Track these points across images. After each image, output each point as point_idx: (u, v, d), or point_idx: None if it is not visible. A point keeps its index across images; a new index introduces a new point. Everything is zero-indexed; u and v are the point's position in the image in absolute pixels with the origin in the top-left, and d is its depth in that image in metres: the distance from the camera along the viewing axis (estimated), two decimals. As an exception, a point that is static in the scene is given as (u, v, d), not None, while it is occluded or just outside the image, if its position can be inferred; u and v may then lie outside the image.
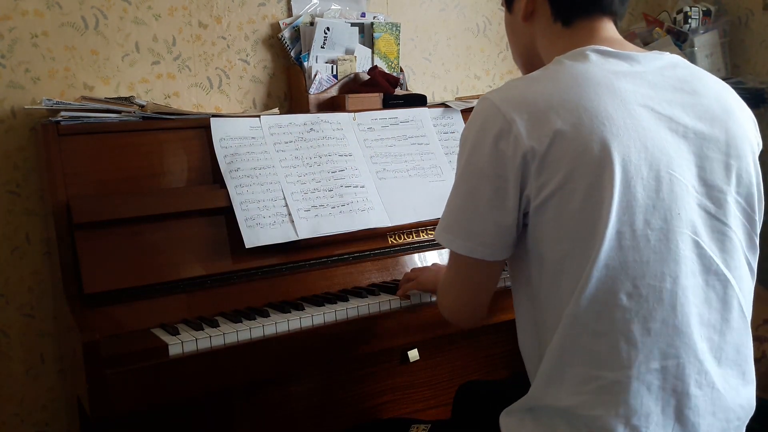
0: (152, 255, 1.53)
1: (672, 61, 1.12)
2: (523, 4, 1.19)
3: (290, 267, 1.66)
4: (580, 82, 1.03)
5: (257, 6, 2.06)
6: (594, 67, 1.05)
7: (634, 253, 1.00)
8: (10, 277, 1.77)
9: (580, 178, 0.99)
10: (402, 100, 1.98)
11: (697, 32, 2.66)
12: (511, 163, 1.01)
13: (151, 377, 1.30)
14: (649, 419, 1.01)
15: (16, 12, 1.74)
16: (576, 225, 1.00)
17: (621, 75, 1.05)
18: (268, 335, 1.43)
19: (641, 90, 1.05)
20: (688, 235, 1.03)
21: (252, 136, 1.73)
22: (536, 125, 1.00)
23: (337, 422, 1.78)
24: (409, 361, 1.84)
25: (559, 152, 0.99)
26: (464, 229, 1.08)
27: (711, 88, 1.11)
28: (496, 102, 1.04)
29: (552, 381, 1.06)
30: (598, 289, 1.00)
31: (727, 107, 1.10)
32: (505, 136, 1.01)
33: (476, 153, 1.05)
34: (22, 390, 1.80)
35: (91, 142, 1.58)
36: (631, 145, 0.99)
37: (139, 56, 1.90)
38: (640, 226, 1.00)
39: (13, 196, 1.77)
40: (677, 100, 1.07)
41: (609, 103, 1.01)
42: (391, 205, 1.78)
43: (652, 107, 1.04)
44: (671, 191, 1.01)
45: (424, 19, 2.36)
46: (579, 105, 1.00)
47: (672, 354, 1.02)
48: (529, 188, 1.02)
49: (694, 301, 1.03)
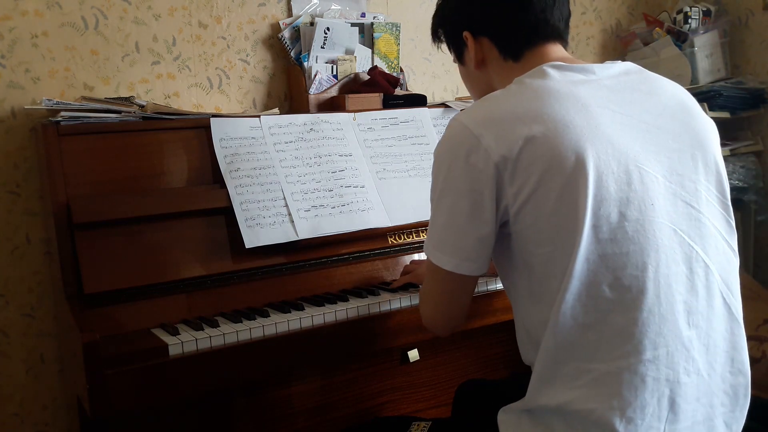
0: (152, 255, 1.53)
1: (625, 68, 1.17)
2: (472, 54, 1.24)
3: (290, 267, 1.66)
4: (541, 94, 1.07)
5: (257, 6, 2.06)
6: (552, 81, 1.10)
7: (613, 246, 1.02)
8: (10, 277, 1.77)
9: (552, 179, 1.02)
10: (402, 100, 1.98)
11: (697, 32, 2.66)
12: (484, 176, 1.05)
13: (151, 377, 1.30)
14: (645, 411, 1.03)
15: (16, 12, 1.74)
16: (554, 225, 1.03)
17: (579, 83, 1.10)
18: (268, 335, 1.43)
19: (599, 94, 1.09)
20: (666, 224, 1.05)
21: (252, 136, 1.73)
22: (504, 135, 1.04)
23: (337, 422, 1.78)
24: (409, 361, 1.84)
25: (530, 157, 1.03)
26: (449, 246, 1.12)
27: (666, 89, 1.17)
28: (464, 121, 1.08)
29: (546, 380, 1.07)
30: (581, 283, 1.02)
31: (684, 104, 1.16)
32: (474, 150, 1.05)
33: (451, 171, 1.09)
34: (22, 390, 1.80)
35: (91, 142, 1.58)
36: (597, 144, 1.03)
37: (139, 56, 1.90)
38: (615, 219, 1.02)
39: (13, 196, 1.77)
40: (635, 100, 1.11)
41: (570, 109, 1.05)
42: (391, 205, 1.78)
43: (612, 109, 1.08)
44: (642, 183, 1.04)
45: (424, 19, 2.36)
46: (543, 113, 1.04)
47: (661, 343, 1.03)
48: (506, 197, 1.05)
49: (678, 288, 1.05)
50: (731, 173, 2.63)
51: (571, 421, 1.04)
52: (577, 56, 2.78)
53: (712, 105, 2.57)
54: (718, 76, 2.71)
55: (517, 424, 1.12)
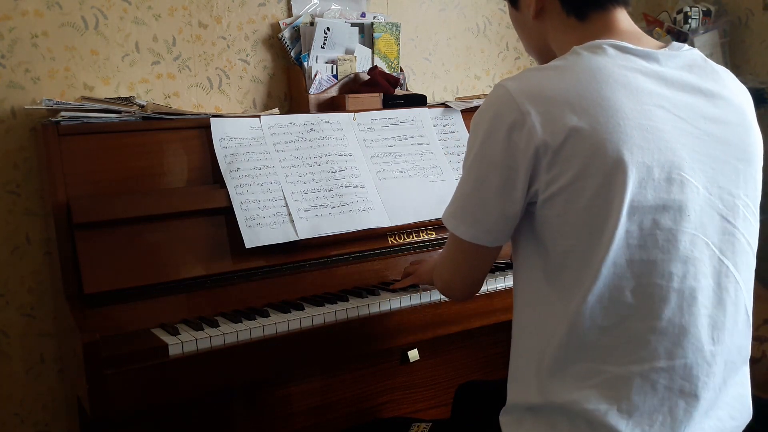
0: (152, 255, 1.53)
1: (690, 60, 1.10)
2: (532, 1, 1.16)
3: (290, 267, 1.66)
4: (598, 78, 1.01)
5: (257, 6, 2.06)
6: (611, 63, 1.03)
7: (641, 252, 1.00)
8: (10, 277, 1.77)
9: (590, 177, 0.98)
10: (402, 100, 1.98)
11: (697, 32, 2.66)
12: (522, 156, 1.00)
13: (151, 377, 1.30)
14: (653, 418, 1.01)
15: (16, 12, 1.74)
16: (582, 222, 1.00)
17: (639, 73, 1.04)
18: (268, 335, 1.43)
19: (658, 90, 1.04)
20: (699, 237, 1.03)
21: (252, 136, 1.73)
22: (551, 120, 0.99)
23: (336, 422, 1.78)
24: (409, 361, 1.84)
25: (572, 149, 0.98)
26: (470, 216, 1.09)
27: (730, 92, 1.11)
28: (512, 91, 1.02)
29: (554, 375, 1.05)
30: (605, 286, 1.00)
31: (743, 113, 1.11)
32: (518, 127, 1.00)
33: (488, 142, 1.03)
34: (22, 390, 1.80)
35: (91, 142, 1.58)
36: (644, 147, 0.99)
37: (139, 56, 1.90)
38: (648, 226, 0.99)
39: (13, 196, 1.77)
40: (694, 104, 1.06)
41: (626, 102, 1.00)
42: (391, 205, 1.78)
43: (668, 108, 1.03)
44: (682, 193, 1.01)
45: (424, 19, 2.36)
46: (596, 102, 0.99)
47: (679, 354, 1.01)
48: (539, 181, 1.01)
49: (704, 302, 1.03)
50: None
51: (576, 420, 1.03)
52: (577, 56, 2.78)
53: (712, 105, 2.57)
54: (718, 76, 2.71)
55: (519, 424, 1.11)
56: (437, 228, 1.83)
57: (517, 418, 1.12)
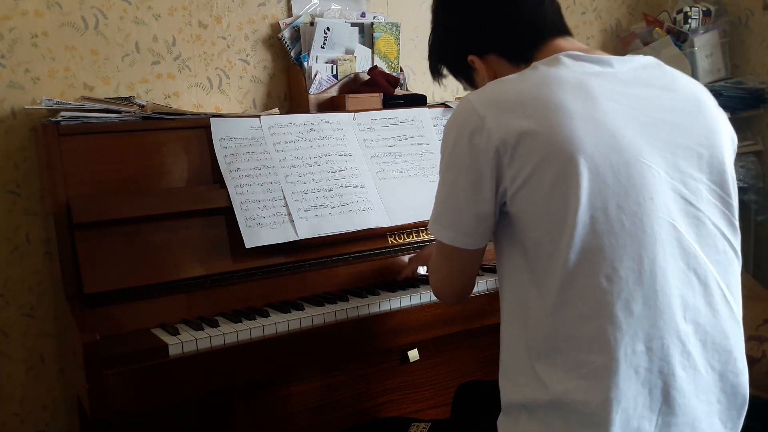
0: (152, 255, 1.53)
1: (644, 62, 1.17)
2: (484, 74, 1.25)
3: (290, 267, 1.66)
4: (550, 83, 1.08)
5: (257, 6, 2.06)
6: (566, 70, 1.10)
7: (610, 237, 1.03)
8: (10, 277, 1.77)
9: (546, 168, 1.03)
10: (402, 100, 1.98)
11: (697, 32, 2.66)
12: (485, 157, 1.07)
13: (151, 377, 1.30)
14: (636, 401, 1.04)
15: (16, 12, 1.74)
16: (545, 213, 1.05)
17: (592, 75, 1.10)
18: (268, 335, 1.43)
19: (611, 86, 1.09)
20: (665, 219, 1.06)
21: (252, 136, 1.73)
22: (506, 121, 1.06)
23: (336, 422, 1.78)
24: (409, 361, 1.84)
25: (527, 147, 1.04)
26: (448, 220, 1.15)
27: (683, 85, 1.16)
28: (472, 101, 1.10)
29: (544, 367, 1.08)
30: (577, 274, 1.03)
31: (699, 101, 1.15)
32: (478, 132, 1.07)
33: (455, 149, 1.11)
34: (22, 390, 1.80)
35: (91, 142, 1.58)
36: (598, 136, 1.04)
37: (139, 56, 1.90)
38: (613, 211, 1.03)
39: (13, 196, 1.77)
40: (648, 95, 1.11)
41: (576, 100, 1.06)
42: (391, 205, 1.78)
43: (621, 102, 1.08)
44: (642, 176, 1.05)
45: (424, 19, 2.35)
46: (547, 101, 1.06)
47: (656, 335, 1.04)
48: (505, 179, 1.07)
49: (675, 283, 1.06)
50: (731, 173, 2.62)
51: (568, 418, 1.05)
52: (577, 56, 2.78)
53: (712, 105, 2.57)
54: (718, 76, 2.71)
55: (515, 424, 1.13)
56: (437, 228, 1.83)
57: (513, 418, 1.14)
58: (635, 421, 1.04)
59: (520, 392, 1.12)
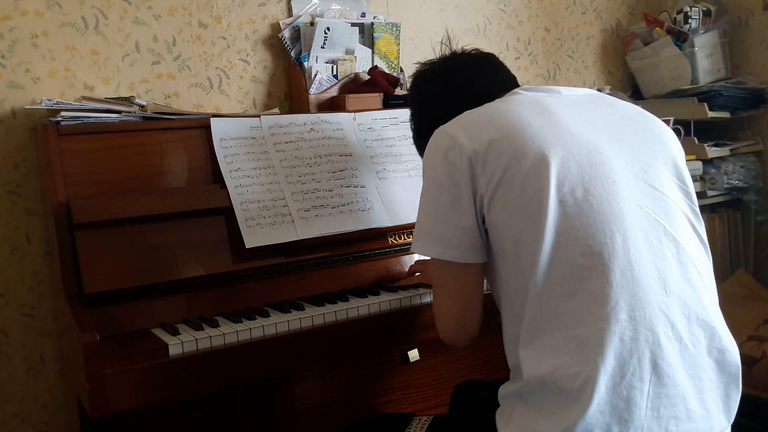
0: (152, 255, 1.53)
1: (588, 92, 1.34)
2: None
3: (290, 267, 1.66)
4: (509, 103, 1.25)
5: (257, 6, 2.06)
6: (521, 96, 1.28)
7: (581, 218, 1.11)
8: (10, 277, 1.77)
9: (517, 165, 1.13)
10: (402, 100, 1.98)
11: (697, 32, 2.66)
12: (460, 170, 1.18)
13: (151, 377, 1.30)
14: (624, 369, 1.06)
15: (16, 12, 1.74)
16: (521, 207, 1.13)
17: (544, 96, 1.27)
18: (268, 335, 1.43)
19: (562, 102, 1.25)
20: (631, 200, 1.14)
21: (252, 136, 1.73)
22: (475, 135, 1.18)
23: (337, 422, 1.78)
24: (409, 361, 1.84)
25: (496, 151, 1.16)
26: (433, 236, 1.23)
27: (626, 105, 1.31)
28: (444, 128, 1.24)
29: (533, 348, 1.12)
30: (554, 255, 1.10)
31: (643, 113, 1.30)
32: (451, 149, 1.20)
33: (432, 169, 1.23)
34: (22, 390, 1.80)
35: (92, 142, 1.58)
36: (557, 133, 1.16)
37: (139, 56, 1.90)
38: (580, 194, 1.12)
39: (13, 196, 1.77)
40: (596, 108, 1.26)
41: (533, 113, 1.20)
42: (391, 205, 1.78)
43: (573, 110, 1.23)
44: (603, 164, 1.15)
45: (424, 19, 2.36)
46: (508, 115, 1.20)
47: (637, 305, 1.08)
48: (480, 187, 1.17)
49: (649, 257, 1.11)
50: (731, 173, 2.63)
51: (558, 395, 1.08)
52: (577, 56, 2.79)
53: (712, 105, 2.57)
54: (718, 76, 2.71)
55: (511, 412, 1.16)
56: (437, 228, 1.83)
57: (509, 409, 1.17)
58: (624, 390, 1.06)
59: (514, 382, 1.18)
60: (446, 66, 1.45)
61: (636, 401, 1.06)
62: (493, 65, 1.43)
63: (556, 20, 2.69)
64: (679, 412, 1.08)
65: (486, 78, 1.40)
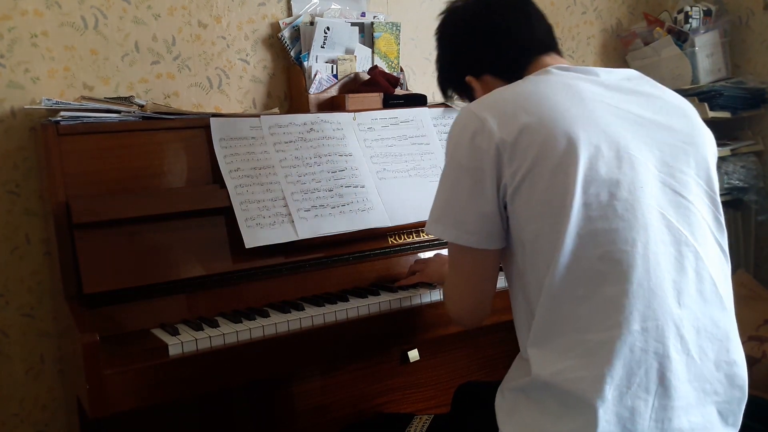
0: (152, 255, 1.53)
1: (628, 74, 1.25)
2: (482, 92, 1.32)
3: (290, 267, 1.66)
4: (542, 87, 1.18)
5: (257, 6, 2.06)
6: (555, 78, 1.20)
7: (603, 222, 1.08)
8: (10, 277, 1.77)
9: (546, 160, 1.09)
10: (402, 100, 1.98)
11: (697, 32, 2.66)
12: (486, 156, 1.13)
13: (150, 377, 1.30)
14: (630, 380, 1.06)
15: (15, 12, 1.74)
16: (545, 203, 1.10)
17: (580, 80, 1.19)
18: (268, 335, 1.43)
19: (598, 91, 1.18)
20: (655, 208, 1.11)
21: (252, 136, 1.73)
22: (505, 121, 1.13)
23: (337, 422, 1.78)
24: (409, 361, 1.84)
25: (526, 141, 1.11)
26: (450, 219, 1.19)
27: (668, 94, 1.25)
28: (472, 108, 1.18)
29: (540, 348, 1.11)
30: (573, 258, 1.08)
31: (682, 108, 1.23)
32: (479, 132, 1.14)
33: (457, 151, 1.18)
34: (22, 390, 1.80)
35: (91, 142, 1.58)
36: (590, 130, 1.11)
37: (138, 56, 1.90)
38: (605, 198, 1.09)
39: (13, 196, 1.77)
40: (632, 100, 1.19)
41: (568, 99, 1.14)
42: (391, 205, 1.78)
43: (608, 104, 1.16)
44: (632, 168, 1.11)
45: (424, 18, 2.36)
46: (542, 102, 1.14)
47: (651, 316, 1.07)
48: (505, 176, 1.13)
49: (667, 267, 1.10)
50: (731, 173, 2.62)
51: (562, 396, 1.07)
52: (578, 56, 2.78)
53: (713, 105, 2.57)
54: (718, 75, 2.71)
55: (514, 406, 1.15)
56: (437, 228, 1.83)
57: (511, 401, 1.17)
58: (629, 400, 1.06)
59: (519, 376, 1.17)
60: (481, 6, 1.33)
61: (640, 411, 1.06)
62: (529, 16, 1.32)
63: (557, 20, 2.68)
64: (682, 424, 1.08)
65: (523, 29, 1.30)
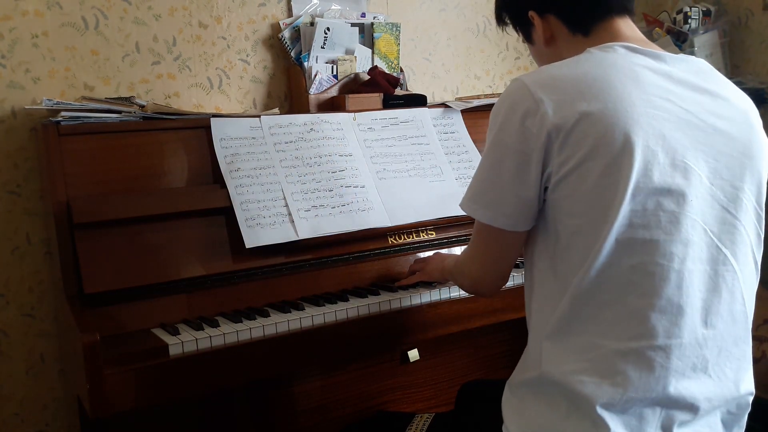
0: (152, 255, 1.53)
1: (697, 66, 1.16)
2: (540, 32, 1.24)
3: (290, 267, 1.66)
4: (607, 69, 1.07)
5: (257, 6, 2.06)
6: (621, 59, 1.10)
7: (644, 231, 1.03)
8: (10, 277, 1.77)
9: (599, 158, 1.03)
10: (402, 101, 1.98)
11: (697, 32, 2.66)
12: (535, 140, 1.06)
13: (151, 377, 1.30)
14: (646, 393, 1.04)
15: (16, 12, 1.74)
16: (590, 201, 1.05)
17: (647, 69, 1.10)
18: (268, 335, 1.43)
19: (665, 85, 1.09)
20: (699, 223, 1.06)
21: (252, 136, 1.73)
22: (563, 105, 1.05)
23: (337, 422, 1.78)
24: (409, 361, 1.84)
25: (582, 132, 1.03)
26: (487, 199, 1.14)
27: (734, 96, 1.16)
28: (527, 83, 1.08)
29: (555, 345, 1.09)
30: (607, 263, 1.04)
31: (746, 115, 1.15)
32: (532, 114, 1.06)
33: (504, 129, 1.10)
34: (22, 390, 1.80)
35: (92, 142, 1.58)
36: (650, 132, 1.04)
37: (139, 56, 1.90)
38: (651, 207, 1.03)
39: (13, 196, 1.77)
40: (698, 99, 1.11)
41: (633, 91, 1.05)
42: (391, 205, 1.78)
43: (674, 101, 1.08)
44: (685, 179, 1.05)
45: (424, 19, 2.36)
46: (605, 90, 1.05)
47: (675, 333, 1.04)
48: (552, 164, 1.06)
49: (699, 286, 1.06)
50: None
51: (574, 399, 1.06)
52: (577, 56, 2.78)
53: (712, 105, 2.57)
54: (718, 76, 2.71)
55: (521, 402, 1.14)
56: (437, 228, 1.83)
57: (519, 396, 1.15)
58: (639, 409, 1.04)
59: (530, 368, 1.14)
60: None
61: (648, 420, 1.05)
62: None
63: (556, 20, 2.68)
64: None
65: None
